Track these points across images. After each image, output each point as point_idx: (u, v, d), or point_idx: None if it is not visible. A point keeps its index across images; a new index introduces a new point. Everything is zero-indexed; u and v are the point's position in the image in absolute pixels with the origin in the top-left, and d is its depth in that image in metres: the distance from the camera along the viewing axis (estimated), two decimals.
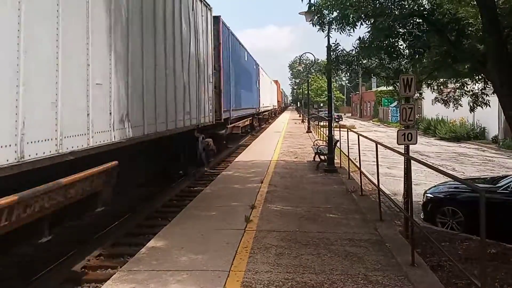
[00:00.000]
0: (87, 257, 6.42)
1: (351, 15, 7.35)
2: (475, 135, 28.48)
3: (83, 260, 6.31)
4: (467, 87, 9.75)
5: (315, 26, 8.65)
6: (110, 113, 6.02)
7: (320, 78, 72.61)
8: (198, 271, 5.04)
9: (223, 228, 6.77)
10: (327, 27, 8.96)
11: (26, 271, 5.79)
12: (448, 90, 10.45)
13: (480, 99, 9.47)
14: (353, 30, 7.95)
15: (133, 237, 7.57)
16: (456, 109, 10.36)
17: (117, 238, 7.42)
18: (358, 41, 8.47)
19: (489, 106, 9.57)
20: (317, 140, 19.14)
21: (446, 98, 10.30)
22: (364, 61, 9.36)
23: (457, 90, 10.00)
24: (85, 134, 5.31)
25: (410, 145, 7.05)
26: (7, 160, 3.88)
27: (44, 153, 4.43)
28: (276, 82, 65.39)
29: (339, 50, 9.07)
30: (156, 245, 5.97)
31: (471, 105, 9.58)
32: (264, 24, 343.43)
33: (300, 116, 58.74)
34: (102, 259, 6.59)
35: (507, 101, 6.68)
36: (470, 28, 7.93)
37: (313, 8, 8.29)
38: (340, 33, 8.13)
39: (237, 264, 5.26)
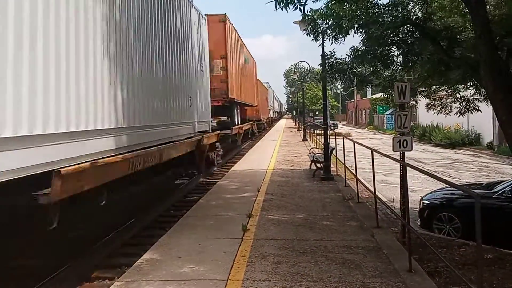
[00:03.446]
0: (84, 268, 6.38)
1: (344, 24, 7.41)
2: (470, 141, 28.62)
3: (80, 271, 6.27)
4: (459, 94, 9.87)
5: (309, 35, 8.73)
6: None
7: (315, 86, 72.88)
8: (195, 280, 5.03)
9: (220, 237, 6.76)
10: (321, 36, 9.05)
11: (23, 284, 5.75)
12: (440, 96, 10.56)
13: (471, 104, 9.58)
14: (344, 39, 8.03)
15: (130, 247, 7.55)
16: (448, 114, 10.48)
17: (114, 249, 7.39)
18: (351, 49, 8.55)
19: (480, 111, 9.68)
20: (313, 148, 19.17)
21: (439, 104, 10.41)
22: (359, 69, 9.44)
23: (449, 97, 10.11)
24: None
25: (406, 152, 7.09)
26: None
27: None
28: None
29: (334, 58, 9.16)
30: (153, 255, 5.95)
31: (462, 109, 9.68)
32: (260, 34, 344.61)
33: (295, 125, 58.83)
34: (99, 270, 6.55)
35: (500, 107, 6.73)
36: (462, 35, 8.03)
37: (306, 17, 8.36)
38: (334, 42, 8.22)
39: (235, 273, 5.25)
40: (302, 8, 6.79)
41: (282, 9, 6.54)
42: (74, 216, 6.37)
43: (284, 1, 6.40)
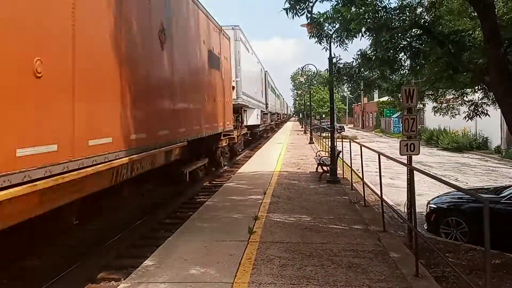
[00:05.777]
0: (90, 270, 6.41)
1: (352, 28, 7.40)
2: (477, 145, 28.44)
3: (86, 272, 6.30)
4: (466, 97, 9.81)
5: (313, 38, 8.71)
6: None
7: (322, 89, 72.65)
8: (201, 283, 5.03)
9: (227, 240, 6.76)
10: (324, 40, 9.03)
11: (30, 284, 5.79)
12: (447, 99, 10.53)
13: (480, 108, 9.52)
14: (352, 42, 8.03)
15: (136, 249, 7.57)
16: (454, 117, 10.44)
17: (121, 250, 7.42)
18: (359, 53, 8.53)
19: (489, 115, 9.61)
20: (319, 151, 19.14)
21: (445, 107, 10.37)
22: (366, 73, 9.40)
23: (457, 100, 10.07)
24: None
25: (413, 156, 7.06)
26: None
27: None
28: None
29: (341, 63, 9.15)
30: (159, 257, 5.96)
31: (470, 113, 9.62)
32: (268, 36, 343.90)
33: (302, 127, 58.76)
34: (106, 271, 6.57)
35: (510, 111, 6.69)
36: (471, 39, 7.99)
37: (313, 21, 8.36)
38: (340, 46, 8.22)
39: (240, 275, 5.25)
40: (309, 12, 6.84)
41: (293, 17, 6.66)
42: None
43: (294, 9, 6.49)
